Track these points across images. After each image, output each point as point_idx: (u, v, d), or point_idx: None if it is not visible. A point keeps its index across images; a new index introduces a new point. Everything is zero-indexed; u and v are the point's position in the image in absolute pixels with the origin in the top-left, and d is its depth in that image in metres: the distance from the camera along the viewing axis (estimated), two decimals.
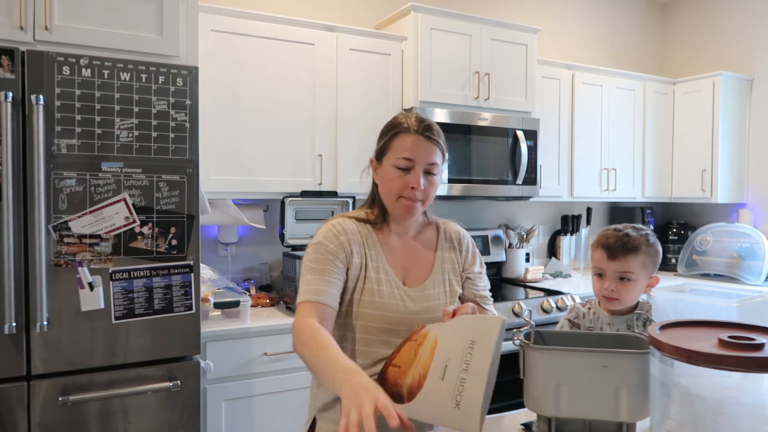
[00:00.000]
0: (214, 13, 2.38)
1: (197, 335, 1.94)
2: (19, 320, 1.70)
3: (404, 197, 1.34)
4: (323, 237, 1.34)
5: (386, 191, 1.36)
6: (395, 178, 1.33)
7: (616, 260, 1.49)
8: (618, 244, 1.50)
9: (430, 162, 1.34)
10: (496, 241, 3.40)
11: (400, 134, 1.34)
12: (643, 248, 1.51)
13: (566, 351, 1.12)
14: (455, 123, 2.84)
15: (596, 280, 1.56)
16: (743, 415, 0.90)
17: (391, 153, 1.34)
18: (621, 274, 1.49)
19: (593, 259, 1.57)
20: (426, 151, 1.33)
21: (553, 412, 1.11)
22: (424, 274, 1.41)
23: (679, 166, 3.82)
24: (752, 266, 3.45)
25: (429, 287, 1.40)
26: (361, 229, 1.39)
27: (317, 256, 1.31)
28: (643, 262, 1.51)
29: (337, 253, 1.32)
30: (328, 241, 1.33)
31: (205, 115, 2.30)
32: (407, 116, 1.37)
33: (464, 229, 1.54)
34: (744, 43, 3.83)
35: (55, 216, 1.73)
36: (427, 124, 1.35)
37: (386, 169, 1.35)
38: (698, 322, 1.04)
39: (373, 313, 1.33)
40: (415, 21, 2.76)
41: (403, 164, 1.32)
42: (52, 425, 1.74)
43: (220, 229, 2.72)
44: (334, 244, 1.33)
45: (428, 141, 1.34)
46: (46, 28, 1.80)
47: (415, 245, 1.44)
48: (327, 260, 1.31)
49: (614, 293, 1.50)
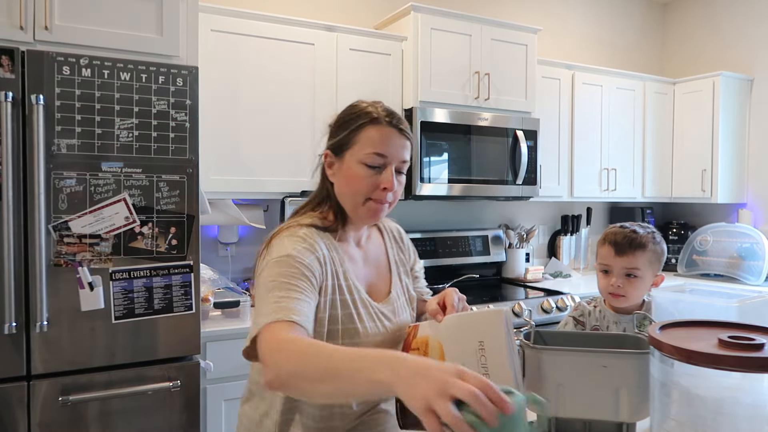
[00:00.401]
0: (214, 13, 2.38)
1: (197, 335, 1.94)
2: (19, 320, 1.70)
3: (373, 199, 1.16)
4: (293, 249, 1.09)
5: (350, 192, 1.17)
6: (363, 177, 1.14)
7: (623, 256, 1.50)
8: (626, 240, 1.50)
9: (403, 159, 1.18)
10: (496, 241, 3.40)
11: (368, 125, 1.15)
12: (650, 245, 1.52)
13: (566, 351, 1.12)
14: (455, 123, 2.84)
15: (602, 277, 1.56)
16: (743, 415, 0.90)
17: (358, 147, 1.15)
18: (628, 270, 1.50)
19: (599, 256, 1.57)
20: (399, 146, 1.16)
21: (553, 412, 1.11)
22: (385, 285, 1.28)
23: (679, 166, 3.82)
24: (752, 266, 3.45)
25: (395, 299, 1.26)
26: (325, 240, 1.17)
27: (287, 270, 1.05)
28: (650, 259, 1.52)
29: (313, 269, 1.09)
30: (300, 255, 1.08)
31: (205, 115, 2.30)
32: (374, 105, 1.19)
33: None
34: (744, 43, 3.83)
35: (55, 216, 1.73)
36: (398, 115, 1.19)
37: (350, 165, 1.16)
38: (698, 322, 1.04)
39: (354, 343, 1.14)
40: (415, 21, 2.76)
41: (374, 161, 1.14)
42: (52, 425, 1.74)
43: (220, 229, 2.72)
44: (309, 258, 1.09)
45: (401, 135, 1.17)
46: (46, 28, 1.80)
47: (369, 252, 1.29)
48: (301, 275, 1.06)
49: (620, 290, 1.50)
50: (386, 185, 1.15)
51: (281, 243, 1.12)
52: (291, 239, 1.12)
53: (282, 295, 1.01)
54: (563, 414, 1.10)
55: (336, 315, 1.14)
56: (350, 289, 1.18)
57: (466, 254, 3.27)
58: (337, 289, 1.15)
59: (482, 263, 3.35)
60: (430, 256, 3.14)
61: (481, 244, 3.33)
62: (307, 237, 1.13)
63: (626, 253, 1.50)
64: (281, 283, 1.03)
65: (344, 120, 1.19)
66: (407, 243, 1.40)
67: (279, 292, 1.02)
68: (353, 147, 1.16)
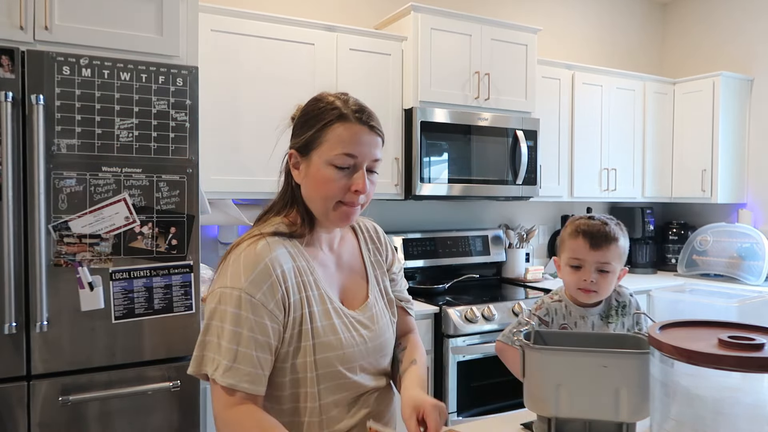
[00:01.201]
0: (214, 13, 2.38)
1: (197, 335, 1.93)
2: (19, 320, 1.70)
3: (344, 203, 1.08)
4: (246, 282, 1.01)
5: (319, 195, 1.08)
6: (333, 180, 1.06)
7: (599, 250, 1.43)
8: (601, 233, 1.44)
9: (375, 158, 1.09)
10: (496, 241, 3.40)
11: (336, 123, 1.06)
12: (621, 238, 1.46)
13: (566, 351, 1.12)
14: (455, 123, 2.84)
15: (571, 272, 1.47)
16: (743, 415, 0.90)
17: (326, 147, 1.06)
18: (601, 265, 1.43)
19: (570, 249, 1.47)
20: (371, 145, 1.08)
21: (553, 412, 1.11)
22: (362, 291, 1.20)
23: (679, 166, 3.82)
24: (752, 266, 3.45)
25: (372, 305, 1.19)
26: (290, 248, 1.09)
27: (239, 314, 1.00)
28: (620, 253, 1.46)
29: (267, 302, 1.01)
30: (253, 288, 1.01)
31: (205, 115, 2.29)
32: (341, 98, 1.11)
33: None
34: (744, 43, 3.83)
35: (55, 216, 1.73)
36: (368, 110, 1.10)
37: (318, 167, 1.07)
38: (698, 322, 1.04)
39: (329, 356, 1.08)
40: (415, 21, 2.76)
41: (344, 162, 1.05)
42: (52, 425, 1.74)
43: (220, 229, 2.72)
44: (262, 291, 1.01)
45: (372, 132, 1.08)
46: (46, 28, 1.80)
47: (343, 255, 1.20)
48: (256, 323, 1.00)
49: (594, 285, 1.44)
50: (357, 188, 1.07)
51: (236, 265, 1.04)
52: (247, 260, 1.03)
53: (233, 350, 0.99)
54: (563, 414, 1.10)
55: (306, 330, 1.06)
56: (322, 299, 1.10)
57: (466, 254, 3.27)
58: (306, 302, 1.07)
59: (482, 263, 3.35)
60: (430, 256, 3.14)
61: (481, 244, 3.33)
62: (263, 254, 1.04)
63: (602, 246, 1.43)
64: (233, 333, 1.00)
65: (310, 115, 1.10)
66: (384, 241, 1.30)
67: (231, 344, 1.00)
68: (321, 147, 1.07)
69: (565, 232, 1.51)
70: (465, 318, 2.55)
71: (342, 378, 1.10)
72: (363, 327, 1.15)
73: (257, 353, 1.01)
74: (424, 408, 1.06)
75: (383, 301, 1.23)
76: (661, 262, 3.98)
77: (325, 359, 1.08)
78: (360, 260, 1.24)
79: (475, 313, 2.57)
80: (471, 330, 2.55)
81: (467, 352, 2.56)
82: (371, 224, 1.32)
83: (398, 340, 1.29)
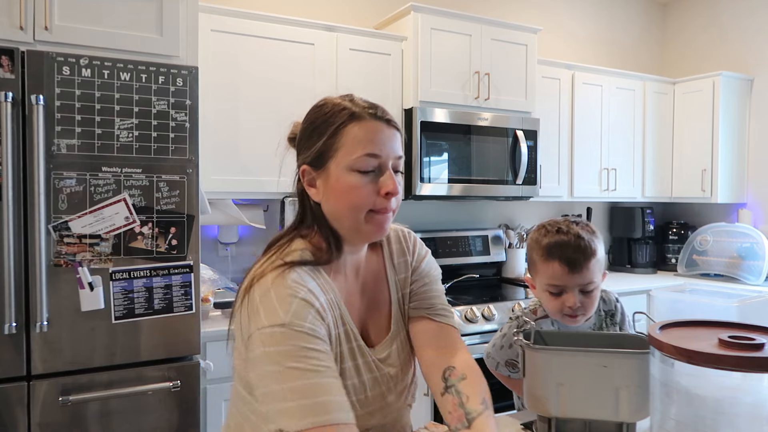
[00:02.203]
0: (214, 13, 2.38)
1: (197, 335, 1.94)
2: (19, 320, 1.70)
3: (375, 210, 0.96)
4: (288, 313, 0.86)
5: (347, 208, 0.96)
6: (359, 186, 0.94)
7: (580, 272, 1.26)
8: (578, 253, 1.26)
9: (398, 155, 0.99)
10: (496, 241, 3.40)
11: (349, 124, 0.95)
12: (597, 248, 1.29)
13: (566, 351, 1.12)
14: (455, 123, 2.84)
15: (552, 299, 1.30)
16: (743, 415, 0.90)
17: (344, 152, 0.94)
18: (584, 286, 1.28)
19: (546, 276, 1.29)
20: (392, 140, 0.97)
21: (553, 412, 1.11)
22: (384, 321, 1.07)
23: (679, 166, 3.82)
24: (752, 266, 3.45)
25: (394, 337, 1.07)
26: (318, 279, 0.96)
27: (293, 346, 0.84)
28: (600, 263, 1.30)
29: (318, 331, 0.88)
30: (299, 318, 0.86)
31: (205, 115, 2.30)
32: (346, 98, 1.01)
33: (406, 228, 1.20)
34: (744, 43, 3.83)
35: (55, 216, 1.73)
36: (379, 106, 1.01)
37: (338, 176, 0.95)
38: (698, 322, 1.04)
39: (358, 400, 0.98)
40: (415, 21, 2.76)
41: (368, 165, 0.94)
42: (52, 425, 1.74)
43: (220, 229, 2.72)
44: (310, 319, 0.88)
45: (390, 127, 0.98)
46: (46, 28, 1.80)
47: (367, 281, 1.08)
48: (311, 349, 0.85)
49: (580, 309, 1.29)
50: (388, 189, 0.95)
51: (269, 301, 0.88)
52: (280, 294, 0.89)
53: (304, 385, 0.82)
54: (563, 414, 1.10)
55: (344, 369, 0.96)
56: (348, 336, 0.99)
57: (466, 254, 3.27)
58: (338, 340, 0.96)
59: (482, 263, 3.35)
60: None
61: (481, 244, 3.33)
62: (298, 287, 0.90)
63: (582, 268, 1.25)
64: (293, 370, 0.82)
65: (317, 123, 0.98)
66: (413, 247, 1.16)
67: (297, 382, 0.82)
68: (337, 153, 0.95)
69: (535, 251, 1.31)
70: (465, 318, 2.55)
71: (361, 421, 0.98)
72: (385, 364, 1.04)
73: (327, 379, 0.84)
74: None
75: (405, 332, 1.10)
76: (661, 262, 3.98)
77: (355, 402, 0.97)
78: (384, 284, 1.10)
79: (475, 313, 2.57)
80: (471, 330, 2.55)
81: None
82: (401, 231, 1.17)
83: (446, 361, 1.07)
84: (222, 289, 2.35)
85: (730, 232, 3.63)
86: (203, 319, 2.13)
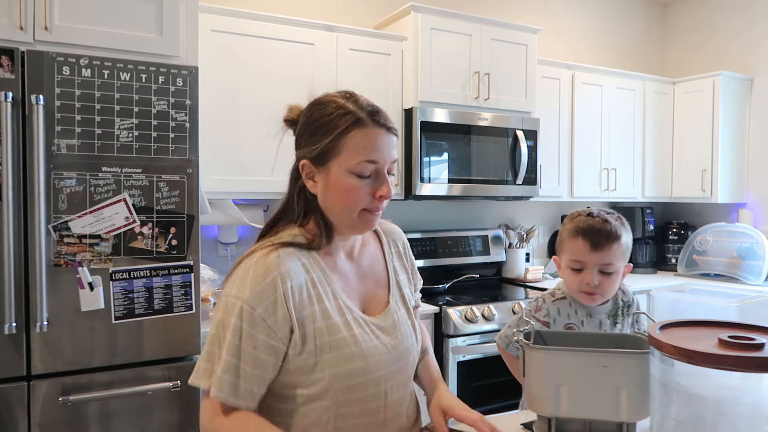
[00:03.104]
0: (214, 13, 2.38)
1: (197, 335, 1.94)
2: (19, 320, 1.70)
3: (368, 210, 1.05)
4: (250, 291, 0.98)
5: (343, 205, 1.04)
6: (357, 188, 1.02)
7: (601, 251, 1.35)
8: (603, 232, 1.35)
9: (393, 159, 1.06)
10: (496, 241, 3.40)
11: (353, 130, 1.01)
12: (623, 235, 1.38)
13: (566, 351, 1.12)
14: (455, 123, 2.84)
15: (572, 275, 1.40)
16: (743, 415, 0.90)
17: (346, 156, 1.01)
18: (603, 266, 1.36)
19: (570, 251, 1.39)
20: (389, 146, 1.04)
21: (553, 412, 1.11)
22: (382, 297, 1.16)
23: (679, 166, 3.82)
24: (752, 266, 3.45)
25: (393, 311, 1.15)
26: (306, 259, 1.05)
27: (242, 327, 0.98)
28: (624, 251, 1.38)
29: (268, 317, 0.98)
30: (255, 301, 0.98)
31: (205, 115, 2.29)
32: (350, 99, 1.06)
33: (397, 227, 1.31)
34: (744, 43, 3.83)
35: (55, 216, 1.73)
36: (381, 110, 1.06)
37: (339, 176, 1.02)
38: (698, 322, 1.04)
39: (351, 368, 1.04)
40: (415, 21, 2.76)
41: (367, 170, 1.02)
42: (52, 425, 1.74)
43: (220, 229, 2.72)
44: (263, 306, 0.98)
45: (390, 133, 1.05)
46: (46, 28, 1.80)
47: (363, 262, 1.17)
48: (254, 338, 0.98)
49: (597, 288, 1.37)
50: (382, 194, 1.04)
51: (245, 275, 1.01)
52: (256, 272, 1.00)
53: (232, 364, 0.97)
54: (563, 414, 1.10)
55: (324, 343, 1.02)
56: (341, 310, 1.06)
57: (466, 254, 3.27)
58: (322, 315, 1.03)
59: (482, 263, 3.35)
60: (430, 256, 3.14)
61: (481, 244, 3.33)
62: (273, 267, 1.00)
63: (604, 247, 1.35)
64: (232, 346, 0.98)
65: (321, 122, 1.04)
66: (405, 247, 1.29)
67: (232, 357, 0.98)
68: (339, 156, 1.02)
69: (564, 230, 1.43)
70: (465, 318, 2.55)
71: (365, 389, 1.06)
72: (384, 333, 1.11)
73: (252, 369, 0.98)
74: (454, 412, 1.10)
75: (404, 308, 1.19)
76: (661, 262, 3.98)
77: (346, 371, 1.03)
78: (383, 265, 1.20)
79: (475, 313, 2.57)
80: (471, 330, 2.55)
81: (467, 352, 2.56)
82: (394, 229, 1.28)
83: None
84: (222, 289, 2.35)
85: (730, 232, 3.63)
86: (203, 319, 2.13)
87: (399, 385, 1.13)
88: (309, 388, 1.03)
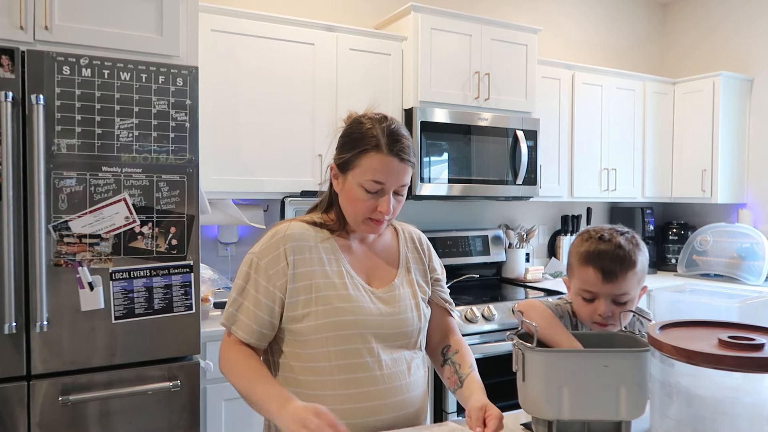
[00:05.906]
0: (214, 13, 2.38)
1: (197, 335, 1.94)
2: (19, 320, 1.70)
3: (371, 218, 1.22)
4: (260, 247, 1.23)
5: (350, 209, 1.23)
6: (362, 200, 1.20)
7: (614, 281, 1.23)
8: (615, 262, 1.22)
9: (402, 184, 1.22)
10: (496, 241, 3.40)
11: (369, 152, 1.18)
12: (639, 259, 1.25)
13: (567, 352, 1.12)
14: (455, 123, 2.84)
15: (583, 304, 1.28)
16: (743, 415, 0.90)
17: (359, 171, 1.19)
18: (618, 297, 1.24)
19: (580, 280, 1.27)
20: (399, 174, 1.19)
21: (555, 415, 1.10)
22: (390, 275, 1.30)
23: (679, 166, 3.82)
24: (752, 266, 3.45)
25: (397, 286, 1.28)
26: (315, 233, 1.26)
27: (247, 272, 1.22)
28: (639, 277, 1.26)
29: (269, 268, 1.20)
30: (262, 254, 1.22)
31: (205, 115, 2.30)
32: (377, 126, 1.20)
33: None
34: (744, 43, 3.83)
35: (55, 216, 1.73)
36: (401, 142, 1.19)
37: (351, 186, 1.21)
38: (698, 322, 1.04)
39: (341, 320, 1.18)
40: (415, 21, 2.76)
41: (373, 187, 1.18)
42: (52, 425, 1.74)
43: (220, 229, 2.72)
44: (267, 258, 1.21)
45: (402, 162, 1.19)
46: (46, 28, 1.80)
47: (376, 247, 1.32)
48: (258, 283, 1.20)
49: (610, 318, 1.25)
50: (382, 210, 1.20)
51: (263, 236, 1.25)
52: (270, 233, 1.24)
53: (238, 301, 1.22)
54: (565, 416, 1.10)
55: (320, 297, 1.19)
56: (341, 275, 1.23)
57: (466, 254, 3.27)
58: (322, 274, 1.21)
59: (482, 263, 3.35)
60: None
61: (481, 244, 3.33)
62: (279, 231, 1.23)
63: (617, 277, 1.22)
64: (240, 287, 1.22)
65: (350, 137, 1.22)
66: (427, 247, 1.40)
67: (239, 296, 1.22)
68: (355, 170, 1.20)
69: (574, 253, 1.30)
70: (465, 318, 2.55)
71: (353, 342, 1.19)
72: (381, 302, 1.24)
73: (255, 309, 1.20)
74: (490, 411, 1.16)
75: (410, 289, 1.30)
76: (661, 262, 3.98)
77: (336, 322, 1.18)
78: (396, 251, 1.34)
79: (475, 313, 2.57)
80: (471, 330, 2.55)
81: None
82: (414, 230, 1.42)
83: (445, 341, 1.38)
84: (222, 289, 2.35)
85: (730, 233, 3.63)
86: (203, 319, 2.13)
87: (392, 347, 1.24)
88: (305, 336, 1.19)
